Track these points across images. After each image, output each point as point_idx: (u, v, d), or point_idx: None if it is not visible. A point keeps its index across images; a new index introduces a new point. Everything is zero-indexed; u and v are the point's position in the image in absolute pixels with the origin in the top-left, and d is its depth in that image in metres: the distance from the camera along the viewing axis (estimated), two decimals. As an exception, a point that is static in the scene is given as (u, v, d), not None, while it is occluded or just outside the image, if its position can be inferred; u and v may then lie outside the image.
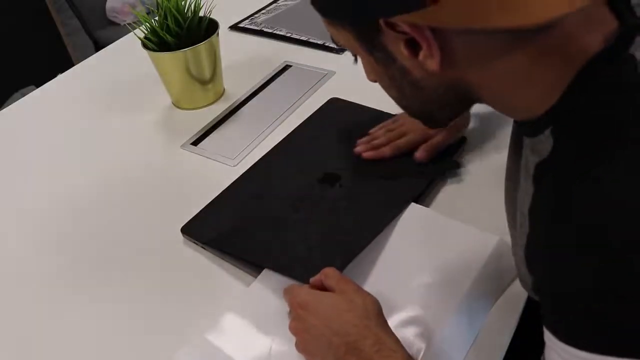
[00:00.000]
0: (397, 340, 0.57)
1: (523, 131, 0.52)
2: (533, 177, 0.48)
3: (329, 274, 0.65)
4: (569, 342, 0.42)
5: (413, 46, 0.46)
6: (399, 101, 0.57)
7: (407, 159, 0.85)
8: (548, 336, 0.45)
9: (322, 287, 0.65)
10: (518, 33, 0.43)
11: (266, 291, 0.70)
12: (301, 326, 0.62)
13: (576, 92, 0.45)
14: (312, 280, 0.66)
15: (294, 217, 0.79)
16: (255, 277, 0.72)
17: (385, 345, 0.56)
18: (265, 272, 0.72)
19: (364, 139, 0.88)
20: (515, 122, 0.58)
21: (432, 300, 0.66)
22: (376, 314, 0.60)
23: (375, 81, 0.58)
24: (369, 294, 0.62)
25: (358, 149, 0.87)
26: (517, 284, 0.69)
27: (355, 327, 0.58)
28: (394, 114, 0.94)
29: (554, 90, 0.46)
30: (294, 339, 0.63)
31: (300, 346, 0.62)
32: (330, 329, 0.59)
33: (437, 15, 0.42)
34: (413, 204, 0.78)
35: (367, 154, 0.86)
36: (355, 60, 0.57)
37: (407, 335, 0.63)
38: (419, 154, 0.83)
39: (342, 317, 0.59)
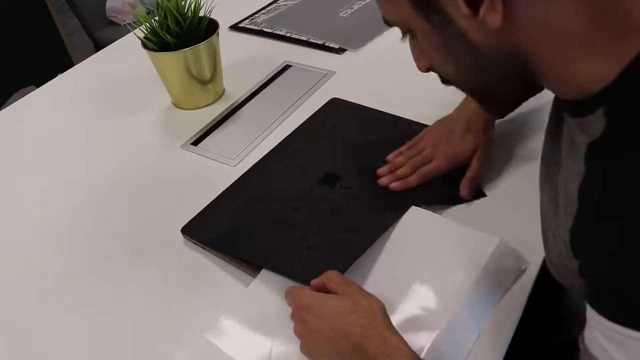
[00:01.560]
0: (402, 339, 0.57)
1: (569, 111, 0.51)
2: (585, 157, 0.47)
3: (331, 278, 0.65)
4: (618, 320, 0.42)
5: (472, 3, 0.45)
6: (456, 75, 0.55)
7: None
8: (592, 315, 0.45)
9: (324, 290, 0.65)
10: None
11: (266, 291, 0.70)
12: (305, 329, 0.62)
13: (637, 72, 0.44)
14: (313, 282, 0.66)
15: (294, 217, 0.79)
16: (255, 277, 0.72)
17: (391, 344, 0.56)
18: (265, 272, 0.72)
19: (385, 168, 0.82)
20: (555, 103, 0.58)
21: (433, 301, 0.66)
22: (381, 314, 0.59)
23: (427, 69, 0.57)
24: (373, 296, 0.62)
25: (383, 180, 0.80)
26: (518, 285, 0.69)
27: (360, 328, 0.58)
28: (393, 114, 0.94)
29: (611, 68, 0.45)
30: (294, 338, 0.63)
31: (305, 349, 0.62)
32: (335, 330, 0.59)
33: None
34: (413, 206, 0.78)
35: (394, 185, 0.79)
36: (403, 36, 0.56)
37: (408, 336, 0.62)
38: (464, 193, 0.78)
39: (346, 318, 0.59)
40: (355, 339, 0.57)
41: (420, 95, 0.94)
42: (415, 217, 0.76)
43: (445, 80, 0.58)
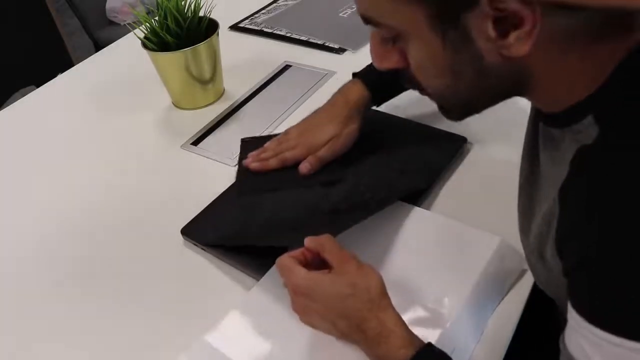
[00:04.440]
0: (397, 320, 0.58)
1: (553, 124, 0.51)
2: (571, 161, 0.47)
3: (327, 247, 0.63)
4: (601, 325, 0.42)
5: (501, 28, 0.43)
6: (443, 89, 0.52)
7: (410, 156, 0.86)
8: (574, 317, 0.45)
9: (318, 257, 0.63)
10: (615, 19, 0.43)
11: (268, 295, 0.70)
12: (303, 310, 0.63)
13: (627, 76, 0.44)
14: (307, 243, 0.64)
15: (294, 218, 0.79)
16: (257, 279, 0.72)
17: (386, 326, 0.58)
18: (267, 276, 0.72)
19: (255, 152, 0.89)
20: (535, 117, 0.57)
21: (435, 302, 0.66)
22: (379, 294, 0.60)
23: (388, 68, 0.54)
24: (370, 272, 0.61)
25: (246, 160, 0.88)
26: (518, 285, 0.69)
27: (359, 312, 0.59)
28: (391, 114, 0.94)
29: (600, 74, 0.45)
30: (295, 342, 0.63)
31: (305, 322, 0.63)
32: (334, 313, 0.60)
33: None
34: (415, 208, 0.78)
35: (253, 165, 0.87)
36: (383, 40, 0.52)
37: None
38: (302, 166, 0.85)
39: (344, 302, 0.60)
40: (354, 321, 0.59)
41: (418, 95, 0.94)
42: (416, 218, 0.76)
43: (418, 88, 0.55)
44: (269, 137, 0.92)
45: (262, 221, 0.79)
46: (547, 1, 0.41)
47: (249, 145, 0.93)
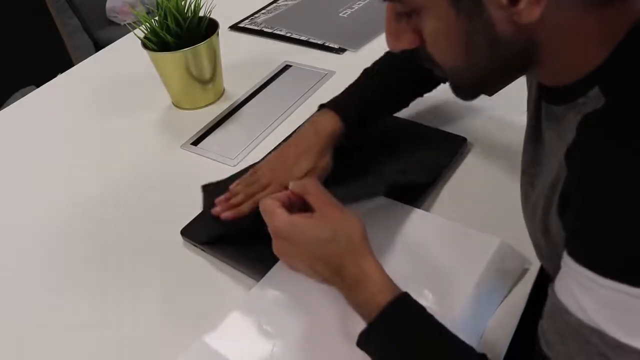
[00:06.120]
0: (376, 267, 0.59)
1: (557, 100, 0.52)
2: (578, 126, 0.48)
3: (310, 190, 0.64)
4: (594, 267, 0.43)
5: None
6: (456, 64, 0.53)
7: (411, 156, 0.86)
8: (567, 262, 0.46)
9: (301, 200, 0.64)
10: None
11: (268, 295, 0.70)
12: (284, 253, 0.64)
13: (632, 47, 0.46)
14: (291, 186, 0.65)
15: None
16: (256, 279, 0.72)
17: (365, 272, 0.59)
18: (267, 277, 0.72)
19: (222, 197, 0.80)
20: (538, 100, 0.58)
21: (436, 303, 0.66)
22: (359, 240, 0.61)
23: (404, 49, 0.54)
24: (352, 217, 0.62)
25: (215, 209, 0.79)
26: (519, 285, 0.69)
27: (338, 257, 0.60)
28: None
29: (605, 46, 0.47)
30: (295, 344, 0.63)
31: (286, 263, 0.64)
32: (313, 257, 0.61)
33: None
34: (415, 209, 0.78)
35: (225, 214, 0.78)
36: (397, 16, 0.53)
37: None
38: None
39: (324, 246, 0.61)
40: (333, 265, 0.60)
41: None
42: (417, 220, 0.76)
43: (432, 64, 0.55)
44: (231, 180, 0.84)
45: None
46: None
47: (212, 191, 0.85)
